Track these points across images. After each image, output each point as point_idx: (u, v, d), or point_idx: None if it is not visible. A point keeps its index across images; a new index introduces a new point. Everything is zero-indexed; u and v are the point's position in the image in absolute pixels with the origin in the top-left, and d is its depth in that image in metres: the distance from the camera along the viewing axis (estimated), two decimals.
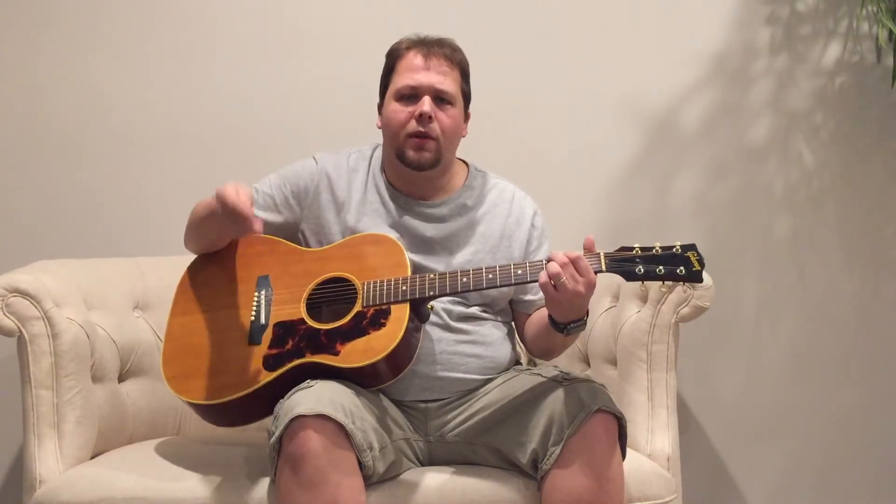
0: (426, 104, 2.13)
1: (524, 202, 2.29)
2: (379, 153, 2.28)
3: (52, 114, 2.82)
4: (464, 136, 2.25)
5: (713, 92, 2.87)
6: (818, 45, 2.87)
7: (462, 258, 2.18)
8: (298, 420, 1.86)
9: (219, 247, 2.22)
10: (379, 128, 2.24)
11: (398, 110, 2.16)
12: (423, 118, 2.13)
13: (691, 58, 2.85)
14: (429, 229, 2.19)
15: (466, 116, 2.25)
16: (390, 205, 2.21)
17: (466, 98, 2.23)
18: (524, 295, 2.23)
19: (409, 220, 2.19)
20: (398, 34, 2.24)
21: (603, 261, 1.94)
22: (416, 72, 2.15)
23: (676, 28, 2.85)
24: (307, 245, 2.22)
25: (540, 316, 2.16)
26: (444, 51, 2.18)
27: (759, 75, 2.87)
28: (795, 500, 2.92)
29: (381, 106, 2.23)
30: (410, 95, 2.16)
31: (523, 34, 2.85)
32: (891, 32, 2.76)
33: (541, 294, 2.04)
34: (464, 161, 2.30)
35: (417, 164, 2.16)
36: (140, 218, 2.81)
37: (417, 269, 2.13)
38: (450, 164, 2.23)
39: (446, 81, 2.16)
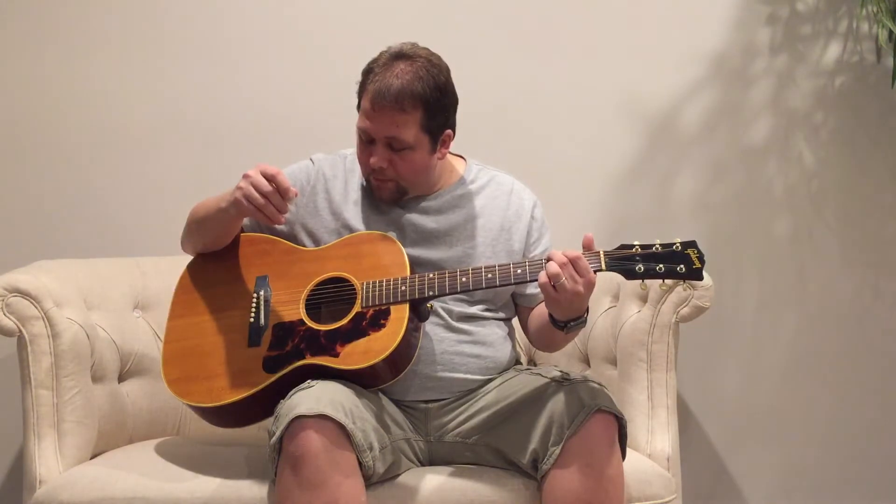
0: (375, 156, 2.09)
1: (523, 194, 2.27)
2: None
3: (53, 114, 2.82)
4: (441, 159, 2.17)
5: (713, 92, 2.87)
6: (818, 45, 2.87)
7: (462, 251, 2.18)
8: (299, 420, 1.86)
9: (223, 244, 2.21)
10: None
11: (359, 147, 2.13)
12: (374, 167, 2.11)
13: (691, 58, 2.85)
14: (429, 222, 2.19)
15: (445, 139, 2.14)
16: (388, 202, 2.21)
17: (434, 131, 2.10)
18: (526, 289, 2.23)
19: (408, 215, 2.19)
20: (400, 34, 2.21)
21: (603, 259, 1.94)
22: (369, 118, 2.07)
23: (676, 28, 2.85)
24: (304, 245, 2.22)
25: (542, 311, 2.15)
26: (396, 94, 2.02)
27: (759, 75, 2.87)
28: (795, 500, 2.92)
29: None
30: (365, 139, 2.11)
31: (523, 34, 2.84)
32: (891, 32, 2.76)
33: None
34: (461, 156, 2.30)
35: (380, 199, 2.17)
36: (140, 218, 2.81)
37: (418, 262, 2.13)
38: (434, 180, 2.20)
39: (398, 129, 2.05)
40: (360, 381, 2.01)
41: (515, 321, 2.29)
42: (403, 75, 2.04)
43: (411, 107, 2.05)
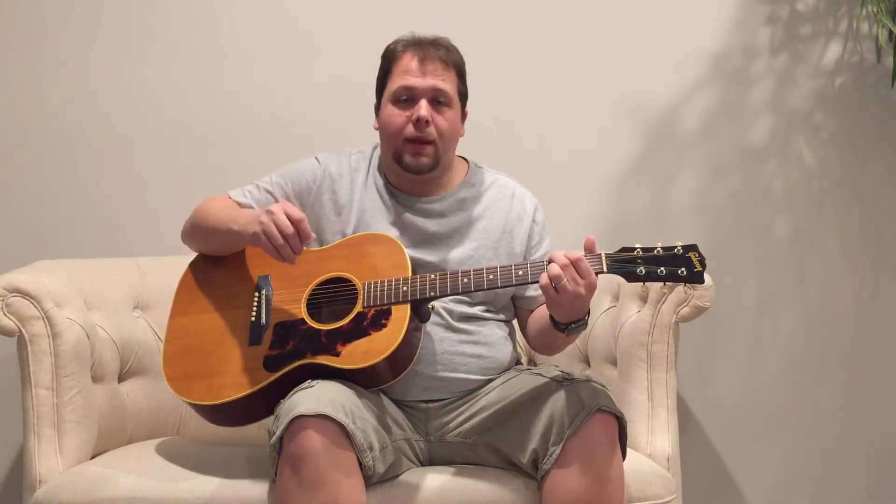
0: (423, 108, 2.12)
1: (525, 197, 2.28)
2: (378, 153, 2.27)
3: (53, 114, 2.82)
4: (461, 136, 2.24)
5: (713, 92, 2.87)
6: (818, 45, 2.87)
7: (464, 254, 2.18)
8: (299, 420, 1.86)
9: (225, 254, 2.21)
10: (376, 129, 2.23)
11: (395, 114, 2.15)
12: (420, 123, 2.12)
13: (691, 58, 2.85)
14: (431, 225, 2.19)
15: (463, 115, 2.24)
16: (391, 203, 2.21)
17: (463, 98, 2.22)
18: (526, 291, 2.23)
19: (411, 217, 2.19)
20: (401, 34, 2.24)
21: (604, 262, 1.94)
22: (413, 74, 2.14)
23: (676, 28, 2.85)
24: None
25: (542, 313, 2.15)
26: (439, 53, 2.16)
27: (759, 75, 2.87)
28: (795, 500, 2.92)
29: (377, 107, 2.23)
30: (407, 98, 2.15)
31: (524, 34, 2.85)
32: (891, 32, 2.76)
33: None
34: (464, 158, 2.30)
35: (415, 169, 2.16)
36: (140, 218, 2.81)
37: (420, 265, 2.13)
38: (449, 164, 2.23)
39: (443, 83, 2.15)
40: (360, 380, 2.01)
41: (516, 322, 2.29)
42: (441, 42, 2.18)
43: (453, 65, 2.18)
